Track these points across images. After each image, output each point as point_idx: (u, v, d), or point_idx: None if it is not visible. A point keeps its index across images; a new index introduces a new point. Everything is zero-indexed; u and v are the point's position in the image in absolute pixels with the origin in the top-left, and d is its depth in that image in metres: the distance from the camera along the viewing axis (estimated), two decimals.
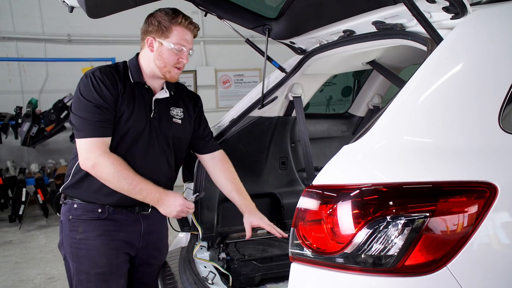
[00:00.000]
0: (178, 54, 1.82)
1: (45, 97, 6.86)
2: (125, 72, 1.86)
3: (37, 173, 6.12)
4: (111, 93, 1.76)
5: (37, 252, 4.64)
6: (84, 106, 1.74)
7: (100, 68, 1.82)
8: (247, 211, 2.08)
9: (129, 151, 1.83)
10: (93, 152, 1.72)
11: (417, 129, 1.24)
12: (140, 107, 1.85)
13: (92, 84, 1.75)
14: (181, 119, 2.00)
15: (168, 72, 1.84)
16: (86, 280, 1.83)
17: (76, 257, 1.84)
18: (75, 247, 1.84)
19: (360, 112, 3.05)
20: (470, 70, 1.28)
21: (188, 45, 1.84)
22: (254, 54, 2.58)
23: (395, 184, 1.15)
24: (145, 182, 1.78)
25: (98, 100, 1.74)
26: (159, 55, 1.81)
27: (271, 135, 2.65)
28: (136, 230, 1.91)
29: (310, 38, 2.30)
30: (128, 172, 1.75)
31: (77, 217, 1.83)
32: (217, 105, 8.33)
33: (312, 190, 1.22)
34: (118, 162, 1.75)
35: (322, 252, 1.18)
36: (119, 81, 1.81)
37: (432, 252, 1.07)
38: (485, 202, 1.10)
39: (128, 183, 1.74)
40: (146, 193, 1.78)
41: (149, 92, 1.89)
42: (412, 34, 1.60)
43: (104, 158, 1.73)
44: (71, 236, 1.84)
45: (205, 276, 1.84)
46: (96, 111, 1.73)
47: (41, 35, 7.02)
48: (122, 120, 1.80)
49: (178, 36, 1.80)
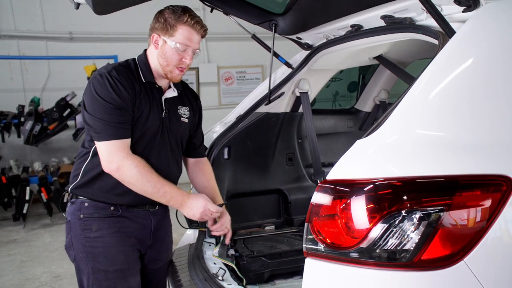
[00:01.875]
0: (181, 54, 1.78)
1: (47, 96, 6.85)
2: (137, 71, 1.83)
3: (41, 171, 6.12)
4: (129, 93, 1.73)
5: (42, 250, 4.64)
6: (102, 107, 1.70)
7: (115, 68, 1.78)
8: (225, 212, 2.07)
9: (145, 152, 1.82)
10: (116, 154, 1.70)
11: (430, 123, 1.23)
12: (154, 107, 1.83)
13: (110, 85, 1.71)
14: (188, 118, 2.00)
15: (169, 72, 1.81)
16: (105, 278, 1.80)
17: (91, 256, 1.80)
18: (89, 246, 1.80)
19: (367, 107, 3.04)
20: (484, 63, 1.27)
21: (193, 45, 1.79)
22: (256, 50, 2.57)
23: (409, 178, 1.14)
24: (168, 185, 1.77)
25: (117, 101, 1.70)
26: (162, 53, 1.79)
27: (278, 131, 2.64)
28: (147, 227, 1.91)
29: (317, 33, 2.29)
30: (152, 174, 1.74)
31: (89, 215, 1.80)
32: (220, 102, 8.31)
33: (325, 185, 1.22)
34: (142, 165, 1.73)
35: (336, 247, 1.17)
36: (135, 81, 1.78)
37: (449, 246, 1.07)
38: (502, 195, 1.09)
39: (152, 186, 1.73)
40: (170, 196, 1.77)
41: (159, 92, 1.88)
42: (423, 28, 1.59)
43: (128, 160, 1.71)
44: (84, 235, 1.80)
45: (215, 273, 1.84)
46: (116, 113, 1.70)
47: (42, 33, 7.00)
48: (141, 121, 1.78)
49: (182, 35, 1.76)
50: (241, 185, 2.55)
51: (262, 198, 2.64)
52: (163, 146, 1.88)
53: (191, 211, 1.83)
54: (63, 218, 1.88)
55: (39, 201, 5.70)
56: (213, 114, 5.74)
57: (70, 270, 3.95)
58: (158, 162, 1.84)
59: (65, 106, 6.03)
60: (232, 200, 2.54)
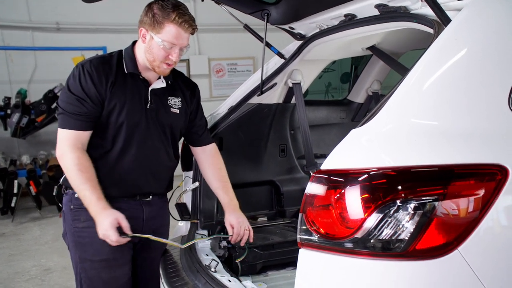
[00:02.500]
0: (167, 51, 1.77)
1: (35, 87, 6.72)
2: (119, 63, 1.84)
3: (29, 164, 6.04)
4: (96, 87, 1.76)
5: (32, 244, 4.59)
6: (66, 97, 1.77)
7: (91, 60, 1.81)
8: (228, 210, 2.05)
9: (127, 143, 1.83)
10: (63, 143, 1.77)
11: (425, 112, 1.22)
12: (134, 99, 1.83)
13: (79, 76, 1.76)
14: (179, 108, 1.98)
15: (157, 67, 1.81)
16: (90, 267, 1.86)
17: (79, 245, 1.86)
18: (77, 236, 1.86)
19: (359, 98, 3.03)
20: (480, 52, 1.26)
21: (180, 44, 1.78)
22: (248, 42, 2.55)
23: (404, 167, 1.13)
24: (91, 191, 1.72)
25: (81, 93, 1.75)
26: (149, 48, 1.78)
27: (270, 122, 2.63)
28: (138, 217, 1.92)
29: (310, 23, 2.27)
30: (82, 174, 1.73)
31: (78, 206, 1.81)
32: (211, 95, 8.26)
33: (320, 175, 1.21)
34: (79, 162, 1.73)
35: (331, 238, 1.16)
36: (110, 74, 1.79)
37: (443, 236, 1.07)
38: (496, 184, 1.09)
39: (76, 185, 1.74)
40: (87, 203, 1.74)
41: (144, 83, 1.87)
42: (418, 17, 1.58)
43: (70, 153, 1.74)
44: (74, 225, 1.86)
45: (207, 264, 1.82)
46: (76, 104, 1.74)
47: (28, 23, 6.86)
48: (114, 113, 1.79)
49: (169, 33, 1.74)
50: (233, 177, 2.51)
51: (255, 190, 2.63)
52: (148, 137, 1.88)
53: (99, 227, 1.73)
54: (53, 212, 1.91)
55: (27, 194, 5.63)
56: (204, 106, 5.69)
57: (60, 263, 3.92)
58: (142, 153, 1.86)
59: (54, 98, 5.93)
60: None
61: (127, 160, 1.85)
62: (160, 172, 1.97)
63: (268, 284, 2.00)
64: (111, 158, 1.84)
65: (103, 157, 1.84)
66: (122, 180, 1.86)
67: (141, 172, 1.89)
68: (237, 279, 1.77)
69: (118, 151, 1.84)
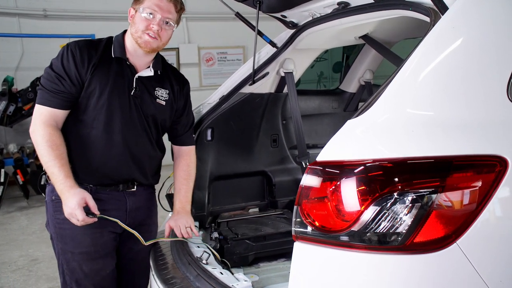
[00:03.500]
0: (149, 20, 1.77)
1: (22, 75, 6.60)
2: (107, 47, 1.84)
3: (16, 153, 5.94)
4: (77, 68, 1.76)
5: (19, 233, 4.53)
6: (47, 74, 1.78)
7: (78, 42, 1.82)
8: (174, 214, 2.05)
9: (107, 127, 1.81)
10: (37, 119, 1.75)
11: (422, 103, 1.19)
12: (118, 83, 1.82)
13: (62, 55, 1.78)
14: (165, 100, 1.95)
15: (139, 38, 1.79)
16: (71, 259, 1.85)
17: (60, 237, 1.85)
18: (59, 227, 1.84)
19: (352, 88, 3.01)
20: (477, 41, 1.24)
21: (162, 13, 1.77)
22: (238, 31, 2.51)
23: (400, 159, 1.11)
24: (59, 169, 1.70)
25: (61, 71, 1.75)
26: (133, 22, 1.81)
27: (262, 112, 2.59)
28: (121, 208, 1.90)
29: (302, 11, 2.22)
30: (51, 151, 1.70)
31: (59, 198, 1.76)
32: (201, 84, 8.18)
33: (315, 167, 1.18)
34: (51, 138, 1.72)
35: (326, 230, 1.14)
36: (95, 56, 1.79)
37: (442, 229, 1.04)
38: (496, 176, 1.06)
39: (45, 161, 1.72)
40: (54, 180, 1.72)
41: (131, 69, 1.85)
42: (414, 4, 1.54)
43: (42, 129, 1.72)
44: (55, 217, 1.84)
45: (199, 256, 1.80)
46: (55, 81, 1.75)
47: (14, 9, 6.70)
48: (94, 95, 1.79)
49: (150, 1, 1.76)
50: (224, 167, 2.50)
51: (246, 180, 2.60)
52: (131, 123, 1.85)
53: (65, 205, 1.71)
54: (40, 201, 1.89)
55: (15, 183, 5.54)
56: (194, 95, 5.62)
57: (48, 253, 3.86)
58: (124, 139, 1.84)
59: None
60: (215, 183, 2.49)
61: (108, 144, 1.82)
62: (143, 161, 1.93)
63: (260, 276, 1.98)
64: (91, 141, 1.81)
65: (83, 141, 1.81)
66: (102, 165, 1.83)
67: (122, 159, 1.86)
68: (228, 271, 1.75)
69: (99, 135, 1.81)
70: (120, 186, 1.89)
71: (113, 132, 1.82)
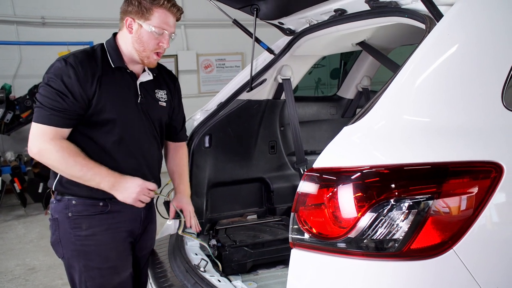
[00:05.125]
0: (158, 38, 1.71)
1: (19, 83, 6.59)
2: (104, 57, 1.74)
3: (13, 161, 5.92)
4: (81, 83, 1.63)
5: (16, 242, 4.50)
6: (45, 91, 1.63)
7: (75, 54, 1.69)
8: (180, 194, 2.04)
9: (122, 138, 1.75)
10: (38, 138, 1.63)
11: (418, 109, 1.20)
12: (124, 94, 1.75)
13: (61, 71, 1.63)
14: (166, 101, 1.93)
15: (146, 58, 1.74)
16: (99, 275, 1.77)
17: (84, 254, 1.75)
18: (80, 244, 1.74)
19: (349, 94, 3.02)
20: (472, 47, 1.24)
21: (170, 29, 1.72)
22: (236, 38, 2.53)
23: (397, 165, 1.11)
24: (98, 167, 1.66)
25: (61, 88, 1.62)
26: (138, 38, 1.71)
27: (260, 118, 2.60)
28: (137, 218, 1.86)
29: (299, 18, 2.23)
30: (78, 157, 1.64)
31: (78, 213, 1.71)
32: (199, 90, 8.19)
33: (312, 174, 1.18)
34: (67, 149, 1.63)
35: (323, 237, 1.14)
36: (97, 69, 1.68)
37: (438, 235, 1.05)
38: (491, 182, 1.07)
39: (79, 170, 1.63)
40: (100, 178, 1.66)
41: (132, 77, 1.80)
42: (409, 12, 1.55)
43: (49, 145, 1.61)
44: (75, 234, 1.73)
45: (196, 264, 1.79)
46: (55, 98, 1.62)
47: (12, 17, 6.71)
48: (104, 111, 1.69)
49: (159, 19, 1.68)
50: (222, 174, 2.50)
51: (244, 187, 2.60)
52: (143, 132, 1.81)
53: (126, 192, 1.69)
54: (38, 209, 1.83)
55: (12, 191, 5.52)
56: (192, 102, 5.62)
57: (45, 262, 3.84)
58: (140, 147, 1.78)
59: None
60: (213, 189, 2.49)
61: (125, 156, 1.76)
62: (155, 167, 1.90)
63: (258, 283, 1.98)
64: (106, 156, 1.73)
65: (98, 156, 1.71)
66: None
67: (138, 169, 1.80)
68: (226, 279, 1.74)
69: (115, 149, 1.74)
70: None
71: (128, 144, 1.75)
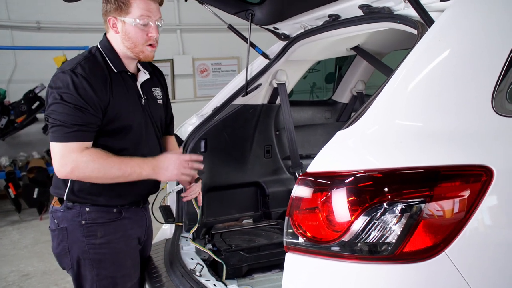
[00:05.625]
0: (145, 30, 1.65)
1: (14, 87, 6.57)
2: (105, 62, 1.69)
3: (8, 166, 5.89)
4: (97, 94, 1.59)
5: (10, 248, 4.47)
6: (62, 107, 1.56)
7: (81, 64, 1.61)
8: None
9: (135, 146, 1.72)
10: (69, 156, 1.56)
11: (410, 114, 1.22)
12: (132, 98, 1.72)
13: (74, 84, 1.56)
14: (161, 99, 1.91)
15: (141, 52, 1.69)
16: (112, 284, 1.73)
17: (97, 263, 1.70)
18: (94, 253, 1.69)
19: (344, 98, 3.04)
20: (463, 53, 1.26)
21: (154, 16, 1.66)
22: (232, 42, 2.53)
23: (390, 169, 1.12)
24: (131, 159, 1.64)
25: (78, 101, 1.56)
26: (125, 35, 1.66)
27: (255, 123, 2.61)
28: (143, 225, 1.86)
29: (294, 23, 2.26)
30: (111, 158, 1.60)
31: (92, 221, 1.68)
32: (195, 95, 8.20)
33: (306, 178, 1.19)
34: (98, 155, 1.59)
35: (317, 241, 1.15)
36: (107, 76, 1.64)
37: (430, 238, 1.06)
38: (482, 185, 1.08)
39: (118, 169, 1.60)
40: (139, 169, 1.63)
41: (133, 79, 1.77)
42: (401, 17, 1.58)
43: (83, 157, 1.56)
44: (88, 242, 1.68)
45: (192, 268, 1.79)
46: (75, 114, 1.55)
47: (7, 22, 6.69)
48: (119, 118, 1.66)
49: (138, 8, 1.62)
50: (218, 178, 2.50)
51: (240, 191, 2.61)
52: (151, 134, 1.80)
53: (167, 170, 1.67)
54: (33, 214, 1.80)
55: (6, 197, 5.49)
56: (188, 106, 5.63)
57: (40, 268, 3.82)
58: (149, 153, 1.74)
59: (34, 99, 5.82)
60: (209, 194, 2.49)
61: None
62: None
63: (254, 287, 1.98)
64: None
65: None
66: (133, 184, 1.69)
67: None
68: (222, 283, 1.75)
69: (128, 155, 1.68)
70: (141, 202, 1.83)
71: (140, 149, 1.72)
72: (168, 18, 7.16)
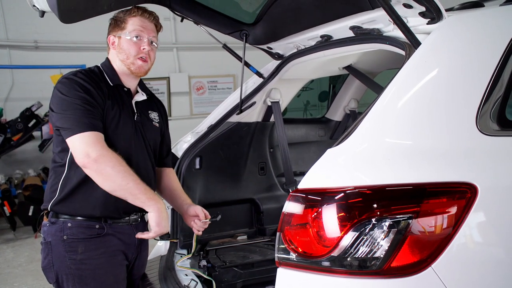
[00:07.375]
0: (137, 43, 1.74)
1: (11, 106, 6.60)
2: (102, 76, 1.78)
3: (3, 184, 5.88)
4: (97, 91, 1.66)
5: (4, 267, 4.43)
6: (71, 105, 1.61)
7: (80, 71, 1.72)
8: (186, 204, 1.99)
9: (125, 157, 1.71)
10: (94, 145, 1.58)
11: (398, 132, 1.26)
12: (125, 111, 1.77)
13: (77, 84, 1.64)
14: (158, 123, 1.95)
15: (132, 64, 1.76)
16: None
17: (78, 278, 1.69)
18: (76, 268, 1.69)
19: (337, 116, 3.09)
20: (448, 74, 1.31)
21: (148, 33, 1.76)
22: (227, 60, 2.57)
23: (379, 186, 1.16)
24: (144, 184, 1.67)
25: (86, 99, 1.63)
26: (120, 48, 1.76)
27: (249, 140, 2.65)
28: (132, 243, 1.82)
29: (287, 43, 2.32)
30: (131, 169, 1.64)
31: (74, 237, 1.68)
32: (191, 112, 8.26)
33: (297, 194, 1.22)
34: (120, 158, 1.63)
35: (308, 256, 1.17)
36: (102, 84, 1.72)
37: (417, 253, 1.09)
38: (466, 202, 1.12)
39: (133, 180, 1.62)
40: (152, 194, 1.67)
41: (128, 95, 1.83)
42: (390, 39, 1.63)
43: (108, 151, 1.60)
44: (69, 257, 1.69)
45: (186, 285, 1.80)
46: (86, 108, 1.61)
47: (5, 41, 6.78)
48: (112, 126, 1.70)
49: (133, 24, 1.74)
50: (213, 195, 2.52)
51: (234, 208, 2.63)
52: (141, 151, 1.81)
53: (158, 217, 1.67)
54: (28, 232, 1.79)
55: (1, 215, 5.46)
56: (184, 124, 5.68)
57: (34, 287, 3.78)
58: (139, 167, 1.76)
59: (31, 117, 5.84)
60: None
61: None
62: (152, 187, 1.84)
63: None
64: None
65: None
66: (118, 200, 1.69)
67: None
68: None
69: None
70: (130, 220, 1.80)
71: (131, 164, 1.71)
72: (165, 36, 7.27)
